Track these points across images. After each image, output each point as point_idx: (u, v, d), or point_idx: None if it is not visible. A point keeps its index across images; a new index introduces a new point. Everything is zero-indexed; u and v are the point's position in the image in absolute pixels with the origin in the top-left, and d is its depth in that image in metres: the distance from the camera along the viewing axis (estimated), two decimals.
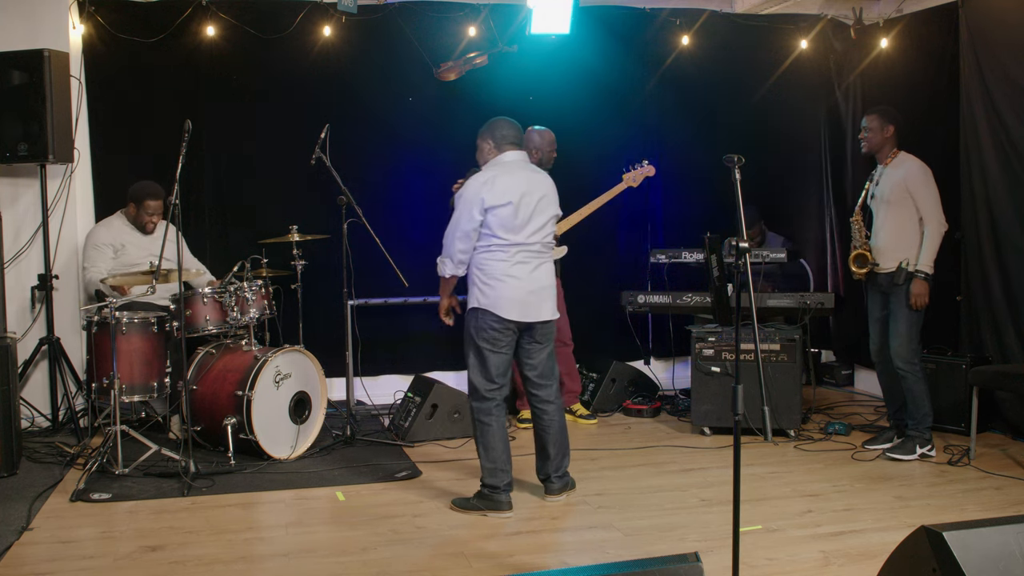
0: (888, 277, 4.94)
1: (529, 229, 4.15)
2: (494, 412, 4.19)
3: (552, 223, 4.29)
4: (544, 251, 4.24)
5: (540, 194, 4.20)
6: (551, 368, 4.35)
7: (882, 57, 6.38)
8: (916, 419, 4.94)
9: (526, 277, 4.15)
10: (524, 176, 4.19)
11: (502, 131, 4.27)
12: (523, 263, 4.15)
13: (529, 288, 4.15)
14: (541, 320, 4.21)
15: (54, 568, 3.54)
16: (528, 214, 4.13)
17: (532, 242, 4.17)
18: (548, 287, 4.24)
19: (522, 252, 4.16)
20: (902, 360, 4.88)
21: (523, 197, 4.12)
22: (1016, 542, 2.36)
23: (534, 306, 4.17)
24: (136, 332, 4.88)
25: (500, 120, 4.32)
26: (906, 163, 4.94)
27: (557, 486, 4.34)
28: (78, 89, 5.69)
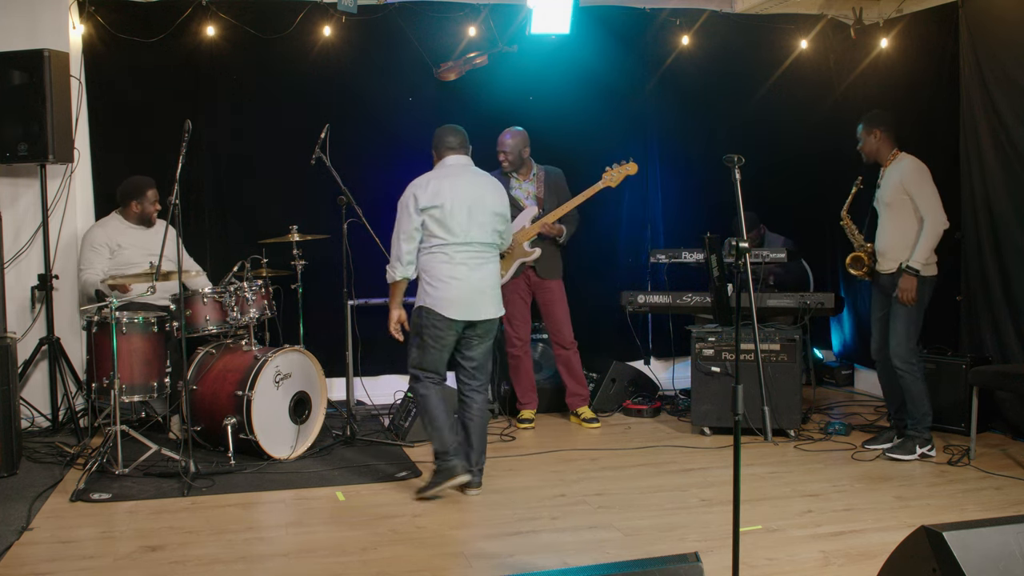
0: (890, 278, 4.94)
1: (467, 229, 4.31)
2: (431, 387, 4.40)
3: (496, 223, 4.40)
4: (486, 251, 4.39)
5: (477, 195, 4.35)
6: (485, 363, 4.49)
7: (882, 57, 6.38)
8: (915, 419, 4.95)
9: (467, 277, 4.31)
10: (461, 179, 4.38)
11: (442, 139, 4.55)
12: (464, 264, 4.32)
13: (471, 288, 4.32)
14: (483, 319, 4.37)
15: (54, 568, 3.54)
16: (464, 215, 4.30)
17: (471, 241, 4.32)
18: (491, 286, 4.40)
19: (463, 252, 4.32)
20: (900, 359, 4.88)
21: (456, 199, 4.30)
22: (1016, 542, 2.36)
23: (476, 305, 4.34)
24: (136, 332, 4.88)
25: (441, 128, 4.60)
26: (903, 164, 4.94)
27: (476, 480, 4.43)
28: (78, 89, 5.69)
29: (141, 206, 5.43)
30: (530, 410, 5.87)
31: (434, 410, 4.37)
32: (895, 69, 6.29)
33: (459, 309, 4.31)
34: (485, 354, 4.48)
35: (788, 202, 6.82)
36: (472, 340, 4.42)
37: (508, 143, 5.63)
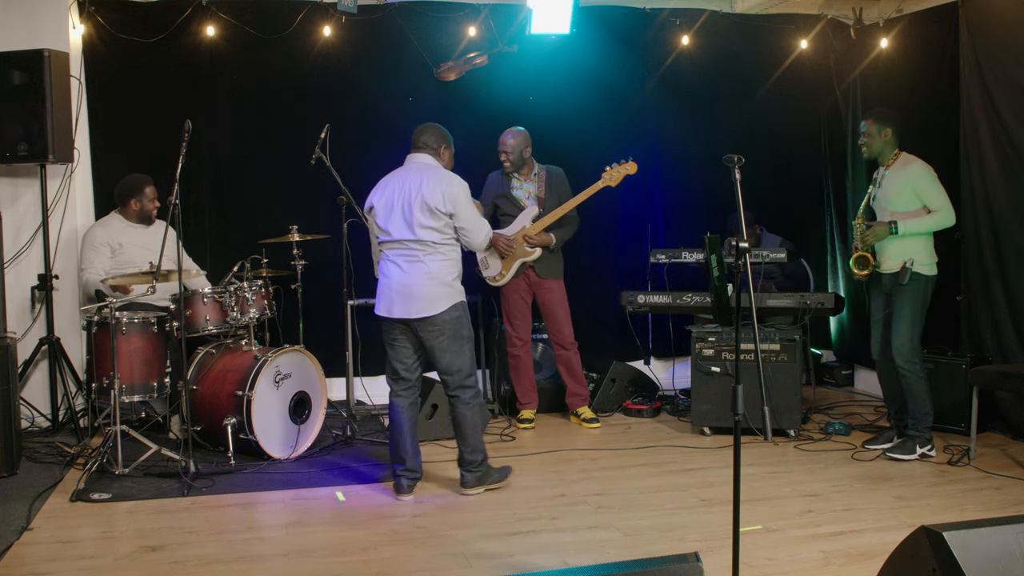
0: (892, 277, 4.94)
1: (393, 228, 4.30)
2: (395, 400, 4.42)
3: (426, 220, 4.25)
4: (421, 249, 4.29)
5: (405, 193, 4.30)
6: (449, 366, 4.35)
7: (882, 57, 6.38)
8: (916, 419, 4.94)
9: (394, 275, 4.33)
10: (396, 177, 4.40)
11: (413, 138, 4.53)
12: (393, 262, 4.34)
13: (396, 285, 4.31)
14: (409, 317, 4.30)
15: (54, 568, 3.54)
16: (388, 213, 4.32)
17: (401, 239, 4.30)
18: (421, 284, 4.28)
19: (394, 250, 4.34)
20: (903, 359, 4.88)
21: (385, 198, 4.34)
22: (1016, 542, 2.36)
23: (401, 303, 4.30)
24: (136, 332, 4.88)
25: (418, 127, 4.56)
26: (910, 165, 4.93)
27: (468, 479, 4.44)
28: (78, 89, 5.69)
29: (140, 204, 5.44)
30: (530, 410, 5.87)
31: (392, 424, 4.43)
32: (895, 69, 6.29)
33: (384, 306, 4.35)
34: (447, 354, 4.32)
35: (788, 202, 6.82)
36: (424, 343, 4.34)
37: (509, 143, 5.63)
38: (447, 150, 4.57)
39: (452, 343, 4.32)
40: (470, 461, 4.42)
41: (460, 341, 4.35)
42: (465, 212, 4.32)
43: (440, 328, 4.30)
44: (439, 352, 4.33)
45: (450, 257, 4.35)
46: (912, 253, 4.86)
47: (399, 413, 4.40)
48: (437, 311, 4.28)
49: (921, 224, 4.86)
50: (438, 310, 4.28)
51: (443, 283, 4.31)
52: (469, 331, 4.42)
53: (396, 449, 4.40)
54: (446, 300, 4.30)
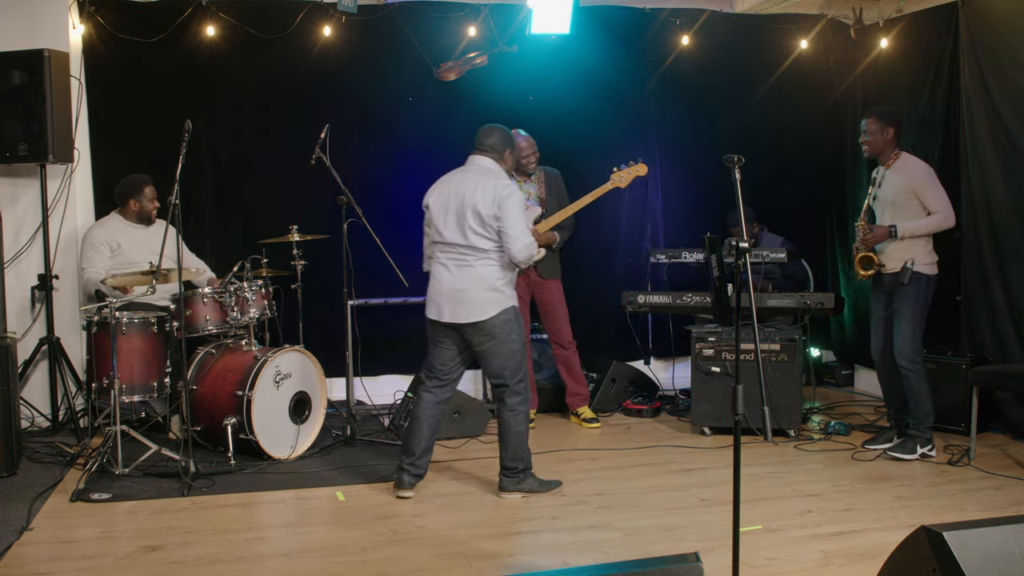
0: (893, 277, 4.94)
1: (446, 231, 4.30)
2: (424, 394, 4.45)
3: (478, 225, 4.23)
4: (471, 253, 4.27)
5: (460, 197, 4.28)
6: (501, 371, 4.33)
7: (882, 57, 6.38)
8: (918, 418, 4.94)
9: (443, 278, 4.33)
10: (454, 180, 4.38)
11: (477, 139, 4.49)
12: (443, 264, 4.34)
13: (445, 289, 4.31)
14: (457, 321, 4.28)
15: (54, 568, 3.54)
16: (443, 216, 4.32)
17: (452, 243, 4.30)
18: (467, 291, 4.26)
19: (445, 253, 4.34)
20: (905, 359, 4.88)
21: (440, 199, 4.35)
22: (1016, 542, 2.36)
23: (450, 307, 4.29)
24: (136, 332, 4.88)
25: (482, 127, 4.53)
26: (910, 166, 4.93)
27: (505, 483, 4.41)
28: (78, 89, 5.69)
29: (139, 204, 5.44)
30: (530, 410, 5.86)
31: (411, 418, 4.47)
32: (895, 69, 6.29)
33: (434, 309, 4.36)
34: (497, 358, 4.30)
35: (788, 202, 6.81)
36: (473, 348, 4.35)
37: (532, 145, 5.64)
38: (511, 155, 4.53)
39: (501, 348, 4.30)
40: (510, 468, 4.38)
41: (509, 346, 4.31)
42: (511, 219, 4.22)
43: (489, 333, 4.28)
44: (488, 357, 4.33)
45: (500, 262, 4.30)
46: (913, 253, 4.87)
47: (424, 408, 4.41)
48: (486, 316, 4.25)
49: (921, 227, 4.86)
50: (487, 315, 4.25)
51: (492, 288, 4.27)
52: (520, 336, 4.37)
53: (409, 441, 4.39)
54: (496, 305, 4.27)
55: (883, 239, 4.91)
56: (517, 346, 4.34)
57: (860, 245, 5.00)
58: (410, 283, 5.59)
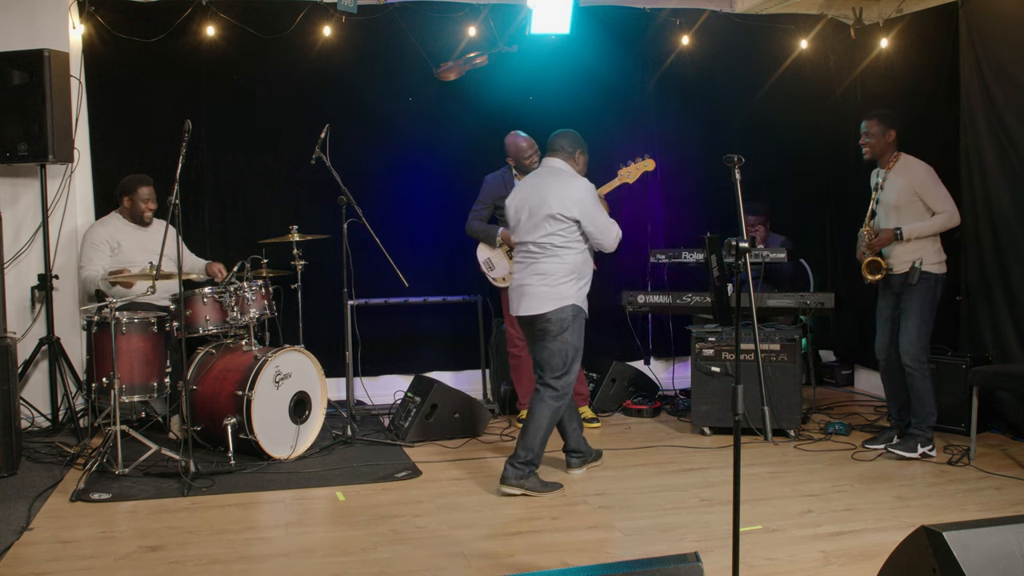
0: (901, 278, 4.95)
1: (519, 231, 4.54)
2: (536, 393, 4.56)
3: (551, 225, 4.41)
4: (538, 252, 4.46)
5: (538, 198, 4.46)
6: (550, 360, 4.47)
7: (882, 57, 6.38)
8: (920, 417, 4.94)
9: (515, 274, 4.58)
10: (532, 182, 4.60)
11: (549, 142, 4.69)
12: (519, 262, 4.56)
13: (516, 285, 4.56)
14: (520, 314, 4.52)
15: (54, 568, 3.54)
16: (516, 217, 4.56)
17: (524, 241, 4.51)
18: (529, 285, 4.46)
19: (519, 252, 4.57)
20: (911, 358, 4.89)
21: (520, 200, 4.56)
22: (1016, 542, 2.36)
23: (513, 302, 4.56)
24: (136, 332, 4.89)
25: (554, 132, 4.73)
26: (911, 167, 4.94)
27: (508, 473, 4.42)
28: (78, 89, 5.69)
29: (132, 203, 5.44)
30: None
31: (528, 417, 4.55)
32: (895, 69, 6.29)
33: (510, 304, 4.63)
34: (544, 351, 4.45)
35: (788, 202, 6.81)
36: (530, 337, 4.60)
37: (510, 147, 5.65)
38: (582, 155, 4.67)
39: (552, 343, 4.43)
40: (519, 457, 4.42)
41: (560, 344, 4.43)
42: (593, 217, 4.43)
43: (544, 327, 4.44)
44: (539, 346, 4.50)
45: (567, 260, 4.43)
46: (920, 253, 4.88)
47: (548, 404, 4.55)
48: (543, 310, 4.42)
49: (926, 228, 4.87)
50: (544, 310, 4.42)
51: (552, 285, 4.42)
52: (574, 336, 4.45)
53: (561, 434, 4.70)
54: (554, 301, 4.40)
55: (889, 242, 4.92)
56: (567, 346, 4.43)
57: (866, 250, 5.00)
58: (410, 283, 5.59)
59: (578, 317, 4.45)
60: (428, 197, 6.39)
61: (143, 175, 5.50)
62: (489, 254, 5.72)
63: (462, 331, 6.43)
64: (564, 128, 4.72)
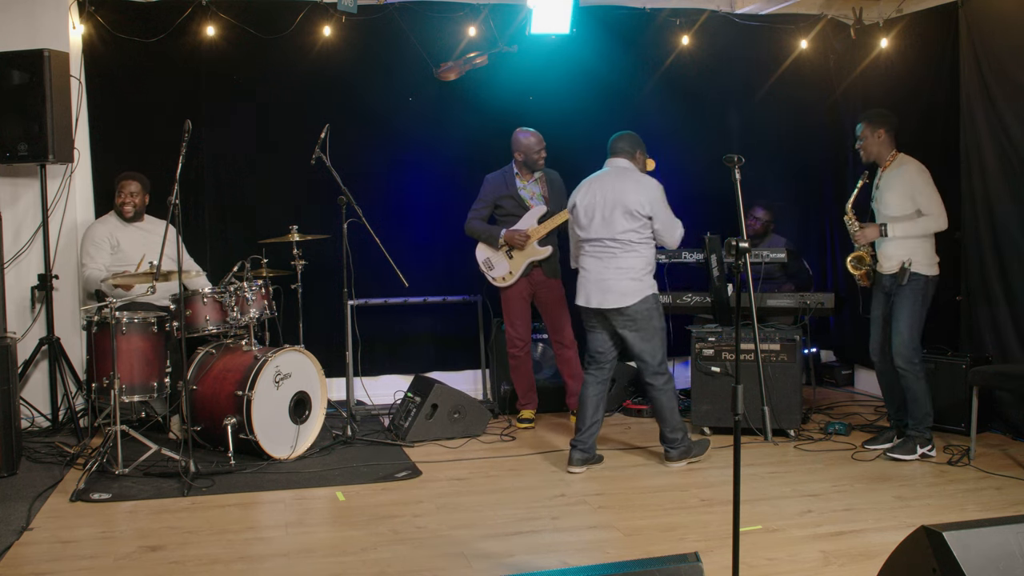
0: (891, 278, 4.94)
1: (593, 229, 4.74)
2: (586, 377, 4.91)
3: (626, 221, 4.66)
4: (617, 247, 4.71)
5: (611, 197, 4.69)
6: (642, 353, 4.78)
7: (882, 57, 6.38)
8: (917, 419, 4.94)
9: (592, 269, 4.78)
10: (596, 181, 4.82)
11: (611, 145, 4.93)
12: (593, 256, 4.78)
13: (588, 279, 4.78)
14: (605, 307, 4.73)
15: (54, 568, 3.54)
16: (589, 216, 4.75)
17: (599, 238, 4.73)
18: (616, 279, 4.70)
19: (594, 247, 4.77)
20: (903, 359, 4.88)
21: (590, 199, 4.76)
22: (1016, 542, 2.36)
23: (593, 295, 4.76)
24: (136, 332, 4.89)
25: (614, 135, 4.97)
26: (904, 165, 4.94)
27: (672, 454, 4.88)
28: (78, 89, 5.69)
29: (120, 199, 5.46)
30: (530, 410, 5.87)
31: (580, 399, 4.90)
32: (895, 69, 6.29)
33: (583, 296, 4.81)
34: (638, 342, 4.74)
35: (788, 202, 6.81)
36: (619, 332, 4.78)
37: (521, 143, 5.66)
38: (642, 155, 4.96)
39: (642, 332, 4.74)
40: (672, 439, 4.86)
41: (651, 331, 4.76)
42: (662, 215, 4.72)
43: (631, 318, 4.71)
44: (631, 340, 4.77)
45: (643, 254, 4.75)
46: (911, 253, 4.87)
47: (585, 388, 4.88)
48: (628, 303, 4.69)
49: (911, 228, 4.87)
50: (629, 302, 4.69)
51: (635, 278, 4.71)
52: (660, 323, 4.82)
53: (580, 421, 4.87)
54: (638, 293, 4.71)
55: (874, 237, 4.95)
56: (656, 330, 4.78)
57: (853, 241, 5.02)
58: (410, 283, 5.59)
59: (658, 302, 4.82)
60: (428, 197, 6.39)
61: (128, 171, 5.52)
62: (489, 254, 5.72)
63: (462, 331, 6.43)
64: (622, 131, 4.95)
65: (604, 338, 4.84)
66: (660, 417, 4.86)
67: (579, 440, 4.81)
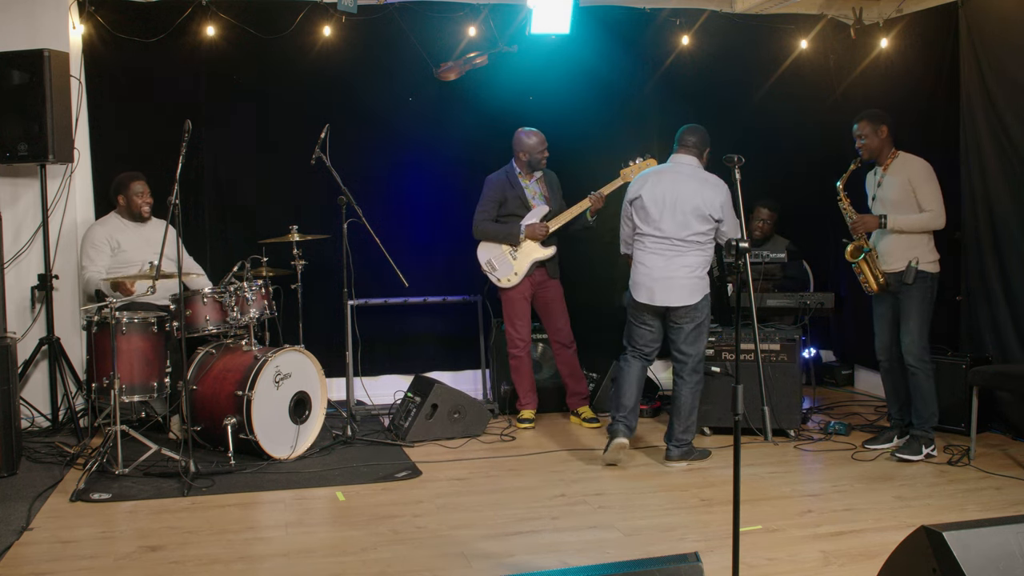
0: (896, 277, 4.94)
1: (664, 225, 4.74)
2: (629, 360, 4.97)
3: (695, 221, 4.70)
4: (683, 245, 4.74)
5: (682, 196, 4.73)
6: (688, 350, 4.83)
7: (882, 57, 6.38)
8: (923, 418, 4.94)
9: (655, 266, 4.79)
10: (665, 176, 4.84)
11: (681, 136, 4.98)
12: (656, 254, 4.78)
13: (657, 275, 4.77)
14: (669, 305, 4.77)
15: (54, 568, 3.54)
16: (657, 210, 4.76)
17: (666, 236, 4.75)
18: (682, 276, 4.73)
19: (657, 243, 4.78)
20: (914, 357, 4.88)
21: (660, 195, 4.77)
22: (1016, 542, 2.36)
23: (661, 291, 4.77)
24: (136, 332, 4.89)
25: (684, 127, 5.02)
26: (909, 163, 4.94)
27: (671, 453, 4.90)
28: (78, 89, 5.69)
29: (128, 199, 5.45)
30: (530, 410, 5.87)
31: (620, 379, 4.94)
32: (895, 69, 6.29)
33: (645, 293, 4.80)
34: (689, 337, 4.80)
35: (788, 202, 6.81)
36: (672, 327, 4.83)
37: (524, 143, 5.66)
38: (708, 154, 5.00)
39: (696, 329, 4.82)
40: (680, 439, 4.87)
41: (702, 329, 4.85)
42: (730, 218, 4.77)
43: (692, 315, 4.78)
44: (683, 336, 4.82)
45: (707, 253, 4.81)
46: (916, 252, 4.87)
47: (630, 368, 4.93)
48: (695, 300, 4.75)
49: (910, 222, 4.87)
50: (695, 299, 4.76)
51: (700, 276, 4.78)
52: (710, 321, 4.92)
53: (620, 396, 4.91)
54: (702, 291, 4.78)
55: (872, 228, 4.96)
56: (705, 328, 4.88)
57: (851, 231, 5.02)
58: (410, 283, 5.59)
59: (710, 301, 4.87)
60: (428, 197, 6.39)
61: (133, 172, 5.51)
62: (491, 255, 5.72)
63: (462, 331, 6.43)
64: (693, 124, 4.97)
65: (656, 334, 4.90)
66: (678, 414, 4.85)
67: (625, 417, 4.87)
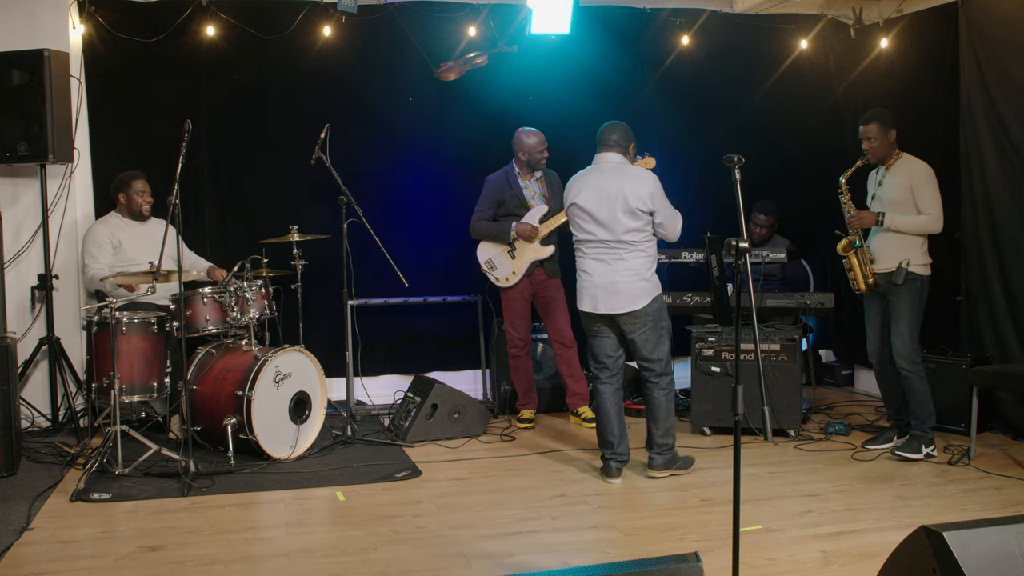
0: (886, 277, 4.94)
1: (599, 229, 4.53)
2: (600, 387, 4.70)
3: (628, 220, 4.48)
4: (622, 248, 4.52)
5: (610, 196, 4.49)
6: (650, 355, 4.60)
7: (882, 57, 6.38)
8: (920, 419, 4.94)
9: (595, 272, 4.57)
10: (595, 179, 4.59)
11: (599, 136, 4.74)
12: (596, 259, 4.57)
13: (594, 283, 4.57)
14: (613, 312, 4.54)
15: (54, 568, 3.54)
16: (592, 216, 4.53)
17: (604, 240, 4.53)
18: (621, 282, 4.51)
19: (596, 249, 4.57)
20: (905, 360, 4.88)
21: (588, 199, 4.54)
22: (1016, 542, 2.36)
23: (601, 299, 4.55)
24: (136, 332, 4.89)
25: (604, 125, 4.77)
26: (911, 165, 4.94)
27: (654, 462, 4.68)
28: (78, 89, 5.69)
29: (128, 198, 5.46)
30: (530, 410, 5.87)
31: (597, 414, 4.70)
32: (895, 69, 6.29)
33: (589, 302, 4.61)
34: (647, 344, 4.57)
35: (788, 202, 6.81)
36: (626, 337, 4.61)
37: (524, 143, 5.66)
38: (633, 147, 4.80)
39: (653, 334, 4.58)
40: (661, 444, 4.66)
41: (660, 332, 4.61)
42: (663, 209, 4.56)
43: (643, 321, 4.55)
44: (640, 343, 4.59)
45: (648, 253, 4.59)
46: (908, 253, 4.87)
47: (605, 399, 4.68)
48: (640, 305, 4.52)
49: (908, 223, 4.87)
50: (641, 304, 4.53)
51: (643, 278, 4.55)
52: (667, 322, 4.68)
53: (604, 434, 4.65)
54: (648, 294, 4.55)
55: (869, 224, 4.96)
56: (663, 330, 4.63)
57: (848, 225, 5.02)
58: (410, 283, 5.59)
59: (663, 302, 4.67)
60: (428, 197, 6.39)
61: (133, 171, 5.51)
62: (491, 255, 5.72)
63: (462, 331, 6.43)
64: (614, 121, 4.77)
65: (612, 343, 4.66)
66: (654, 419, 4.65)
67: (615, 454, 4.62)
